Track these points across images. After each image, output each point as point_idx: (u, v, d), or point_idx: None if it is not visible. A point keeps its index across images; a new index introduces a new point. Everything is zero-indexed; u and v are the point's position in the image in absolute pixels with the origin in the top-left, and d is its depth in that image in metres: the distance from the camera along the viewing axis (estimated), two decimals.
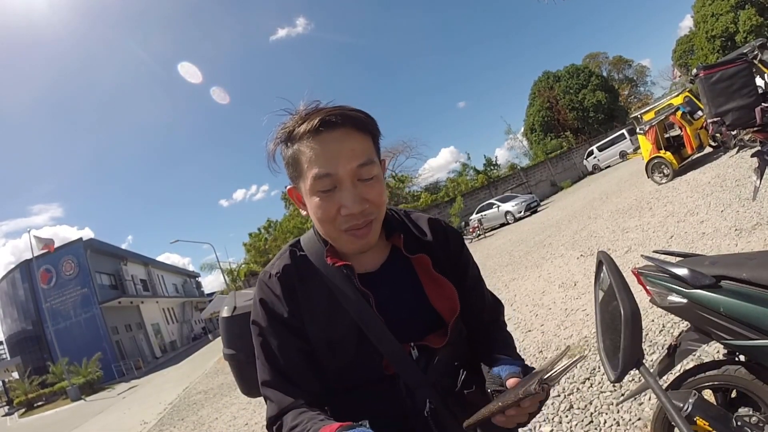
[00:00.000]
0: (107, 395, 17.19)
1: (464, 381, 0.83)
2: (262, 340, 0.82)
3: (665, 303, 1.41)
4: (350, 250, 0.81)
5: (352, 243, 0.79)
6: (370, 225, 0.78)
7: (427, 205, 23.71)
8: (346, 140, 0.75)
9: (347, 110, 0.76)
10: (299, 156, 0.76)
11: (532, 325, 4.42)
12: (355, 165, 0.75)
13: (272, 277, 0.83)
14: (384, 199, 0.80)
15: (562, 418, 2.54)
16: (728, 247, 3.98)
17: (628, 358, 0.90)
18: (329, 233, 0.80)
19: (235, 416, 6.19)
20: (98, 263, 27.84)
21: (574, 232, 8.45)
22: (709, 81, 3.63)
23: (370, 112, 0.80)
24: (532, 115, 35.35)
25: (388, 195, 0.84)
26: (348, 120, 0.75)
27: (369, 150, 0.78)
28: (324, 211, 0.76)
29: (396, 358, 0.79)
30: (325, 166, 0.74)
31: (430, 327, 0.84)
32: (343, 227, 0.77)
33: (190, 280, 49.49)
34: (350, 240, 0.78)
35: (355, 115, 0.76)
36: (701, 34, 30.31)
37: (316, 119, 0.74)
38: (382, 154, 0.85)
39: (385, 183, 0.83)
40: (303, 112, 0.78)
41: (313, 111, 0.77)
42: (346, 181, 0.75)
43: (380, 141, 0.83)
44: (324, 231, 0.80)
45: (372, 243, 0.81)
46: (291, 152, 0.78)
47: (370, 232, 0.78)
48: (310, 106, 0.78)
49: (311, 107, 0.78)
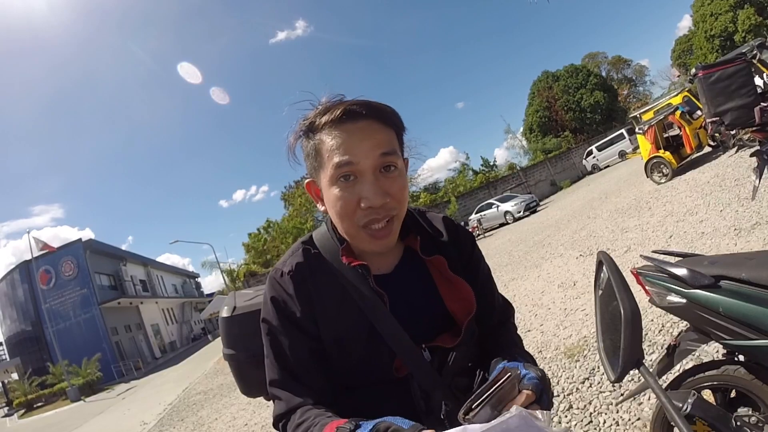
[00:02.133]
0: (107, 396, 17.18)
1: (480, 381, 0.81)
2: (272, 339, 0.80)
3: (664, 303, 1.41)
4: (369, 250, 0.79)
5: (371, 243, 0.77)
6: (390, 223, 0.76)
7: (426, 206, 23.72)
8: (369, 130, 0.74)
9: (372, 103, 0.75)
10: (320, 146, 0.75)
11: (531, 325, 4.42)
12: (377, 153, 0.73)
13: (284, 275, 0.81)
14: (406, 196, 0.78)
15: (562, 418, 2.54)
16: (727, 247, 3.98)
17: (627, 358, 0.90)
18: (348, 230, 0.78)
19: (234, 417, 6.18)
20: (98, 264, 27.80)
21: (573, 231, 8.45)
22: (708, 80, 3.63)
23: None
24: (530, 115, 35.37)
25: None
26: (372, 111, 0.74)
27: (392, 141, 0.77)
28: (344, 202, 0.74)
29: (411, 360, 0.78)
30: (347, 154, 0.72)
31: (442, 328, 0.83)
32: (362, 222, 0.75)
33: (189, 281, 49.44)
34: (369, 240, 0.76)
35: (379, 107, 0.76)
36: (700, 33, 30.36)
37: (338, 110, 0.73)
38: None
39: (407, 181, 0.81)
40: (326, 103, 0.77)
41: (337, 103, 0.76)
42: (368, 172, 0.73)
43: (404, 137, 0.82)
44: (342, 228, 0.78)
45: (392, 244, 0.79)
46: (312, 143, 0.77)
47: (390, 233, 0.77)
48: (334, 99, 0.77)
49: (335, 99, 0.77)
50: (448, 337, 0.81)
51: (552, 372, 3.14)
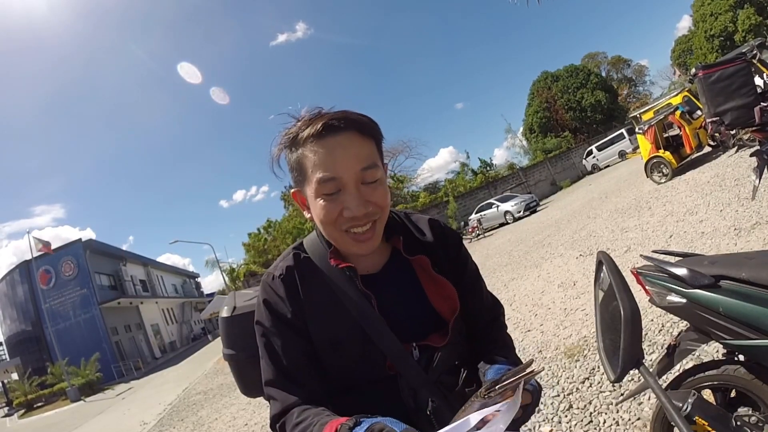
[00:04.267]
0: (107, 396, 17.18)
1: (465, 379, 0.84)
2: (266, 341, 0.83)
3: (664, 303, 1.41)
4: (353, 253, 0.82)
5: (354, 246, 0.80)
6: (373, 227, 0.79)
7: (425, 206, 23.72)
8: (350, 144, 0.76)
9: (350, 115, 0.77)
10: (303, 160, 0.77)
11: (531, 324, 4.42)
12: (358, 168, 0.76)
13: (275, 278, 0.84)
14: (387, 202, 0.81)
15: (562, 417, 2.54)
16: (727, 247, 3.98)
17: (627, 357, 0.90)
18: (331, 234, 0.81)
19: (234, 416, 6.19)
20: (97, 264, 27.79)
21: (573, 231, 8.45)
22: (708, 80, 3.63)
23: (369, 113, 0.81)
24: (530, 115, 35.36)
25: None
26: (351, 124, 0.76)
27: (372, 154, 0.79)
28: (327, 212, 0.77)
29: (398, 358, 0.80)
30: (330, 170, 0.75)
31: (432, 327, 0.85)
32: (344, 227, 0.78)
33: (189, 281, 49.45)
34: (353, 243, 0.79)
35: (359, 119, 0.77)
36: (700, 33, 30.35)
37: (319, 123, 0.75)
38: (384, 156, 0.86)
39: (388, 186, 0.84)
40: (306, 117, 0.79)
41: (317, 116, 0.78)
42: (350, 185, 0.76)
43: (383, 144, 0.84)
44: (327, 232, 0.82)
45: (375, 246, 0.81)
46: (295, 157, 0.79)
47: (372, 236, 0.79)
48: (313, 112, 0.79)
49: (314, 112, 0.79)
50: (438, 336, 0.84)
51: (552, 372, 3.14)
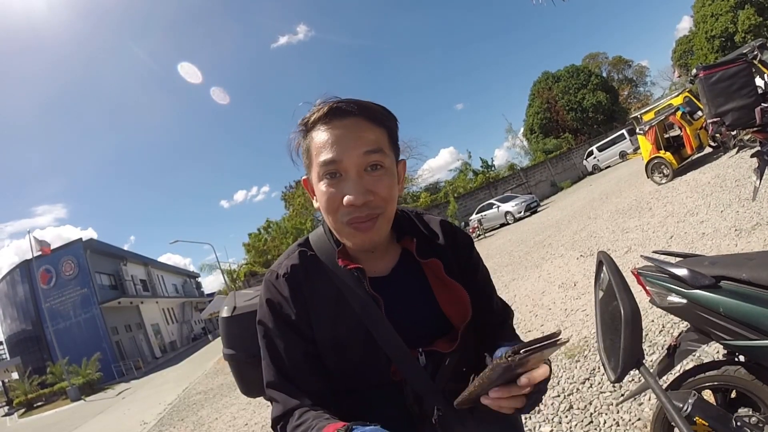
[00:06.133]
0: (107, 395, 17.17)
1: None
2: (268, 341, 0.80)
3: (665, 303, 1.41)
4: (354, 245, 0.79)
5: (354, 236, 0.76)
6: (374, 220, 0.76)
7: (426, 206, 23.71)
8: (355, 128, 0.74)
9: (361, 101, 0.76)
10: (310, 144, 0.77)
11: (531, 325, 4.41)
12: (361, 152, 0.73)
13: (279, 277, 0.81)
14: (393, 195, 0.78)
15: (562, 418, 2.54)
16: (728, 248, 3.98)
17: (628, 358, 0.90)
18: (333, 225, 0.78)
19: (234, 416, 6.18)
20: (98, 263, 27.79)
21: (573, 232, 8.45)
22: (709, 81, 3.63)
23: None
24: (531, 116, 35.33)
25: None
26: (360, 109, 0.75)
27: (380, 140, 0.76)
28: (328, 198, 0.75)
29: (404, 364, 0.77)
30: (331, 152, 0.73)
31: (439, 332, 0.82)
32: (344, 219, 0.75)
33: (190, 281, 49.44)
34: (352, 233, 0.76)
35: (368, 105, 0.76)
36: (701, 34, 30.34)
37: (326, 107, 0.75)
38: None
39: (397, 181, 0.81)
40: (319, 103, 0.78)
41: (327, 101, 0.77)
42: (351, 170, 0.74)
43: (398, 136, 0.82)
44: (329, 222, 0.79)
45: (376, 240, 0.78)
46: (305, 142, 0.79)
47: (373, 226, 0.76)
48: (329, 99, 0.78)
49: (329, 99, 0.78)
50: (446, 342, 0.81)
51: (552, 372, 3.13)
